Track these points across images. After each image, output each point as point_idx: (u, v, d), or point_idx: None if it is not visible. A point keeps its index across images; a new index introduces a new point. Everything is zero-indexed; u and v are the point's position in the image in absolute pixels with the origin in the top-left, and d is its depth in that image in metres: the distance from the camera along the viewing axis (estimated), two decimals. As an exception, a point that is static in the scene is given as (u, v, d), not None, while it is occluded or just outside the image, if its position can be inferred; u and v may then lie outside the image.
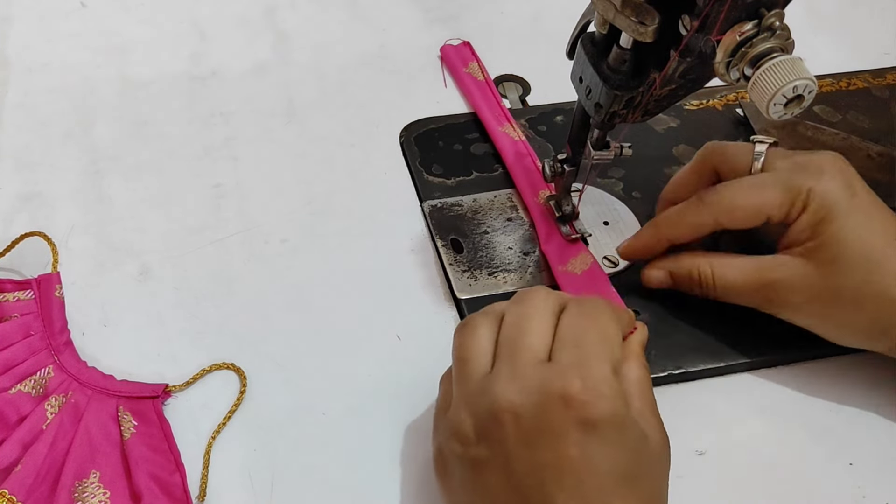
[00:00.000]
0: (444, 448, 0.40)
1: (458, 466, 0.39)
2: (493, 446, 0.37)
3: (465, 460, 0.38)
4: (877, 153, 0.61)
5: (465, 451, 0.38)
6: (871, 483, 0.47)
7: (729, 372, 0.51)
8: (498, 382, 0.38)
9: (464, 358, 0.41)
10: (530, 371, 0.38)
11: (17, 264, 0.53)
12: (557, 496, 0.35)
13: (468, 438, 0.38)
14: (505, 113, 0.64)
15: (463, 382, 0.40)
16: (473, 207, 0.58)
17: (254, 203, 0.59)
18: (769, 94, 0.38)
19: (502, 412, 0.37)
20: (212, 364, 0.50)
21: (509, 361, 0.39)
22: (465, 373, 0.40)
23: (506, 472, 0.37)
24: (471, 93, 0.66)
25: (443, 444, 0.40)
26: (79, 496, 0.43)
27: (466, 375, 0.40)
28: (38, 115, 0.63)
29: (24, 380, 0.47)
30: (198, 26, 0.72)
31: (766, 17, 0.39)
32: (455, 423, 0.39)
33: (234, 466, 0.46)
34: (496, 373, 0.39)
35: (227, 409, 0.48)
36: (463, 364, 0.40)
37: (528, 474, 0.36)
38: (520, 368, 0.38)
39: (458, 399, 0.40)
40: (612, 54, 0.45)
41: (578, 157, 0.52)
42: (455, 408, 0.40)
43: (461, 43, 0.70)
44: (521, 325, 0.40)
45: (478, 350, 0.40)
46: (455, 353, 0.42)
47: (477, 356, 0.40)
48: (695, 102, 0.67)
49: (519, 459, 0.36)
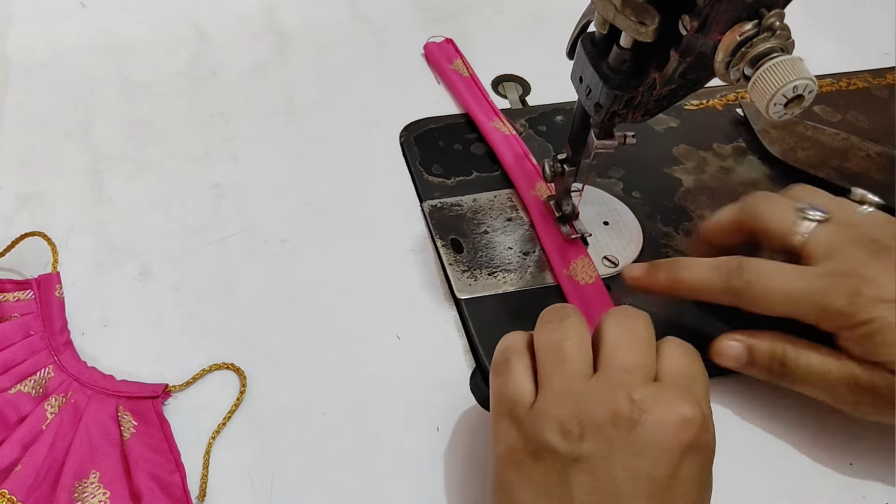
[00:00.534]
0: (535, 442, 0.39)
1: (549, 465, 0.38)
2: (599, 446, 0.37)
3: (561, 455, 0.38)
4: (876, 153, 0.61)
5: (565, 446, 0.38)
6: (871, 484, 0.47)
7: (729, 372, 0.51)
8: (617, 384, 0.38)
9: (564, 355, 0.40)
10: (647, 385, 0.38)
11: (17, 264, 0.53)
12: None
13: (572, 434, 0.38)
14: (493, 108, 0.65)
15: (565, 379, 0.40)
16: (473, 207, 0.58)
17: (254, 203, 0.59)
18: (769, 94, 0.38)
19: (620, 416, 0.37)
20: (212, 364, 0.50)
21: (619, 369, 0.39)
22: (567, 370, 0.40)
23: (602, 475, 0.37)
24: (458, 90, 0.67)
25: (534, 436, 0.39)
26: (79, 496, 0.43)
27: (569, 373, 0.40)
28: (38, 115, 0.63)
29: (23, 380, 0.46)
30: (198, 26, 0.72)
31: (766, 17, 0.39)
32: (558, 417, 0.38)
33: (234, 466, 0.46)
34: (609, 375, 0.39)
35: (227, 409, 0.48)
36: (563, 361, 0.40)
37: (625, 481, 0.36)
38: (631, 375, 0.39)
39: (559, 395, 0.39)
40: (612, 54, 0.45)
41: (578, 157, 0.52)
42: (555, 403, 0.39)
43: (444, 40, 0.70)
44: (625, 342, 0.40)
45: (579, 350, 0.40)
46: (552, 346, 0.41)
47: (578, 356, 0.40)
48: (695, 102, 0.67)
49: (621, 466, 0.37)
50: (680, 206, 0.59)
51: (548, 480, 0.38)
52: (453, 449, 0.47)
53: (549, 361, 0.41)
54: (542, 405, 0.39)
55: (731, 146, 0.64)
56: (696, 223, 0.58)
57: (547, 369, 0.40)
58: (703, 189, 0.61)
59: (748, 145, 0.64)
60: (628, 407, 0.37)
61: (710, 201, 0.60)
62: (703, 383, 0.40)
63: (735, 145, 0.64)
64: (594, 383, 0.39)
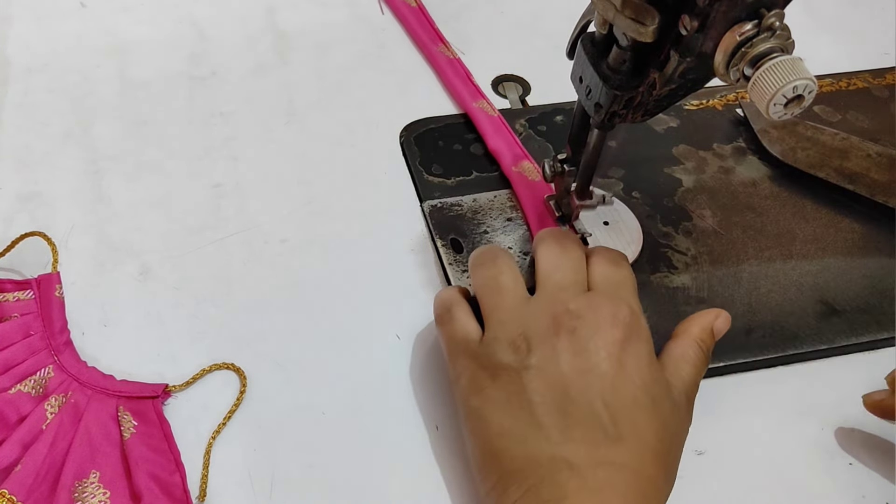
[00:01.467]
0: (491, 365, 0.43)
1: (505, 380, 0.43)
2: (545, 353, 0.42)
3: (514, 368, 0.42)
4: (876, 153, 0.61)
5: (516, 359, 0.43)
6: (871, 483, 0.47)
7: (729, 372, 0.51)
8: (554, 301, 0.44)
9: (501, 287, 0.46)
10: (579, 297, 0.44)
11: (16, 264, 0.53)
12: (596, 400, 0.40)
13: (520, 348, 0.43)
14: (440, 35, 0.69)
15: (506, 306, 0.45)
16: (473, 207, 0.58)
17: (254, 203, 0.59)
18: (769, 95, 0.38)
19: (560, 325, 0.42)
20: (212, 364, 0.50)
21: (554, 289, 0.45)
22: (507, 299, 0.45)
23: (551, 376, 0.41)
24: (405, 18, 0.71)
25: (489, 360, 0.44)
26: (79, 496, 0.43)
27: (509, 300, 0.45)
28: (38, 115, 0.63)
29: (23, 380, 0.46)
30: (197, 26, 0.72)
31: (765, 18, 0.39)
32: (507, 338, 0.43)
33: (234, 466, 0.46)
34: (546, 295, 0.45)
35: (227, 410, 0.48)
36: (501, 292, 0.46)
37: (572, 378, 0.41)
38: (566, 292, 0.44)
39: (505, 321, 0.44)
40: (611, 54, 0.45)
41: (578, 157, 0.53)
42: (502, 328, 0.44)
43: None
44: (558, 264, 0.46)
45: (514, 282, 0.46)
46: (489, 282, 0.46)
47: (515, 286, 0.46)
48: (695, 102, 0.67)
49: (567, 365, 0.41)
50: (680, 207, 0.59)
51: (507, 393, 0.42)
52: (453, 448, 0.47)
53: (488, 296, 0.46)
54: (490, 334, 0.44)
55: (731, 146, 0.64)
56: (695, 223, 0.58)
57: (489, 303, 0.46)
58: (703, 189, 0.61)
59: (748, 145, 0.64)
60: (566, 317, 0.43)
61: (710, 201, 0.60)
62: (630, 285, 0.46)
63: (735, 145, 0.64)
64: (534, 304, 0.44)
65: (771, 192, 0.61)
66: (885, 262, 0.57)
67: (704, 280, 0.55)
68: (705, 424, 0.49)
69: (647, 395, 0.41)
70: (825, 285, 0.56)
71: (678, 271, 0.56)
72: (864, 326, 0.54)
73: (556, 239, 0.47)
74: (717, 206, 0.60)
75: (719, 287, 0.55)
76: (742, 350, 0.52)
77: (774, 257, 0.57)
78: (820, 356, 0.52)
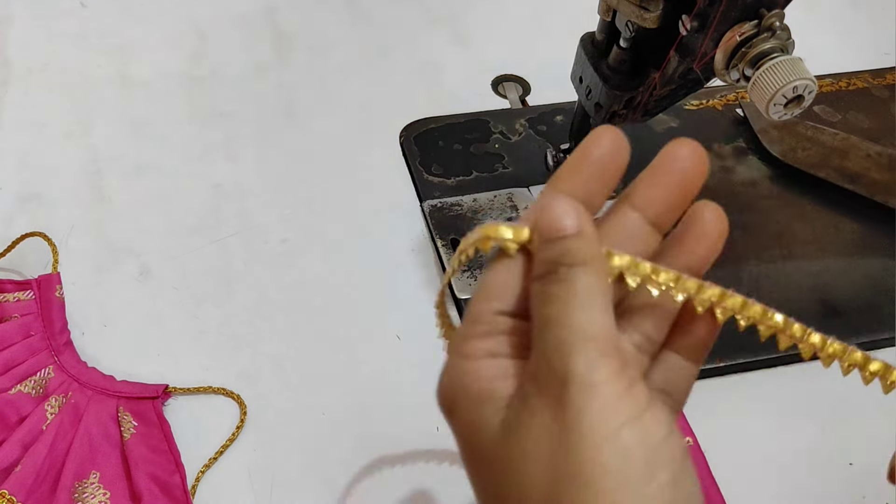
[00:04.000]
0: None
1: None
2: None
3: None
4: (876, 153, 0.61)
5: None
6: (871, 484, 0.47)
7: (729, 372, 0.51)
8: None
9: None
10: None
11: (17, 265, 0.53)
12: None
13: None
14: None
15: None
16: (473, 207, 0.58)
17: (254, 203, 0.59)
18: (769, 95, 0.38)
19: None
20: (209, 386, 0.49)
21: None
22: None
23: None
24: None
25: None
26: (79, 496, 0.43)
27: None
28: (38, 116, 0.63)
29: (24, 380, 0.46)
30: (197, 26, 0.71)
31: (766, 18, 0.39)
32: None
33: (235, 467, 0.46)
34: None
35: (227, 409, 0.48)
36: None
37: None
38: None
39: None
40: (612, 54, 0.45)
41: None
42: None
43: None
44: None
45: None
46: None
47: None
48: (695, 102, 0.67)
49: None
50: (680, 206, 0.59)
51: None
52: (453, 448, 0.47)
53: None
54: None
55: (732, 146, 0.64)
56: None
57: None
58: (703, 189, 0.61)
59: (748, 145, 0.64)
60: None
61: (711, 201, 0.60)
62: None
63: (735, 145, 0.64)
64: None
65: (771, 192, 0.61)
66: (886, 262, 0.57)
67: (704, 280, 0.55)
68: (705, 424, 0.49)
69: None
70: (825, 285, 0.56)
71: (678, 271, 0.55)
72: (864, 326, 0.54)
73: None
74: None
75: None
76: (742, 350, 0.52)
77: (775, 257, 0.57)
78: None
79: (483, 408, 0.29)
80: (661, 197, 0.33)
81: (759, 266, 0.56)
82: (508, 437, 0.28)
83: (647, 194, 0.33)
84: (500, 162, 0.61)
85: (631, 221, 0.33)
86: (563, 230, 0.29)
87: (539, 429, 0.27)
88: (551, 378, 0.27)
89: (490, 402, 0.29)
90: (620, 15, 0.43)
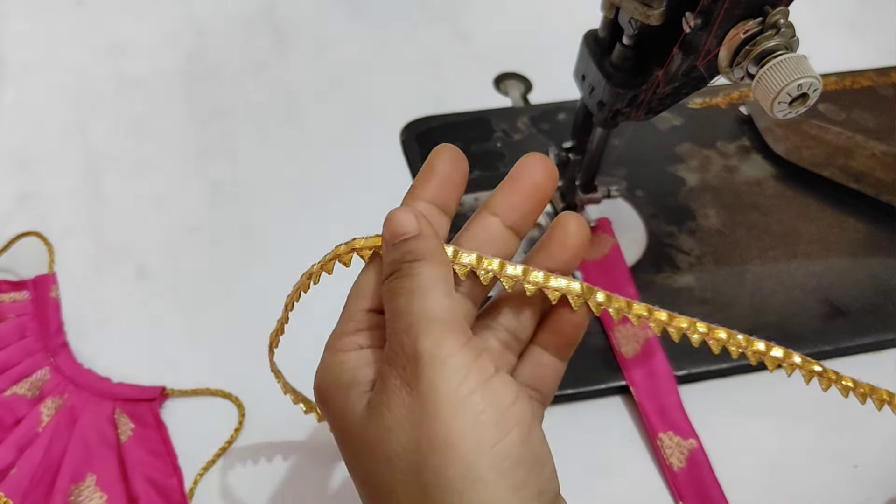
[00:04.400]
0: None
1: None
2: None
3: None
4: (881, 152, 0.60)
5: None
6: (876, 486, 0.47)
7: (733, 373, 0.51)
8: None
9: None
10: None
11: (13, 265, 0.53)
12: None
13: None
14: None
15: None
16: (474, 206, 0.58)
17: (253, 203, 0.58)
18: (773, 93, 0.38)
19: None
20: (215, 389, 0.49)
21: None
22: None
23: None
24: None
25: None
26: (75, 499, 0.43)
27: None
28: (35, 114, 0.63)
29: (19, 382, 0.46)
30: (196, 24, 0.71)
31: (770, 15, 0.38)
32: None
33: (233, 469, 0.46)
34: None
35: (226, 411, 0.47)
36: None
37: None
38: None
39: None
40: (615, 52, 0.45)
41: (584, 146, 0.52)
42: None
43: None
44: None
45: None
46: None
47: None
48: (698, 101, 0.66)
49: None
50: (684, 206, 0.59)
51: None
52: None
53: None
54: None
55: (736, 145, 0.64)
56: (699, 223, 0.58)
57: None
58: (707, 188, 0.60)
59: (752, 144, 0.64)
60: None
61: (714, 200, 0.59)
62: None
63: (739, 144, 0.64)
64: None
65: (775, 191, 0.61)
66: (890, 263, 0.57)
67: (708, 280, 0.55)
68: (707, 426, 0.48)
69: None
70: (829, 285, 0.55)
71: (682, 272, 0.55)
72: (868, 327, 0.53)
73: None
74: (721, 206, 0.59)
75: (723, 287, 0.54)
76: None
77: (779, 257, 0.57)
78: (824, 357, 0.52)
79: (349, 393, 0.32)
80: (517, 204, 0.36)
81: (763, 265, 0.56)
82: (372, 416, 0.31)
83: (504, 202, 0.37)
84: (502, 161, 0.61)
85: (492, 226, 0.36)
86: (403, 234, 0.33)
87: (398, 405, 0.30)
88: (404, 358, 0.30)
89: (355, 387, 0.32)
90: (623, 12, 0.43)
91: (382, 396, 0.31)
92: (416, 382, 0.30)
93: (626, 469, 0.48)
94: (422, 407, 0.29)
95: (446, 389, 0.29)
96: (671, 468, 0.47)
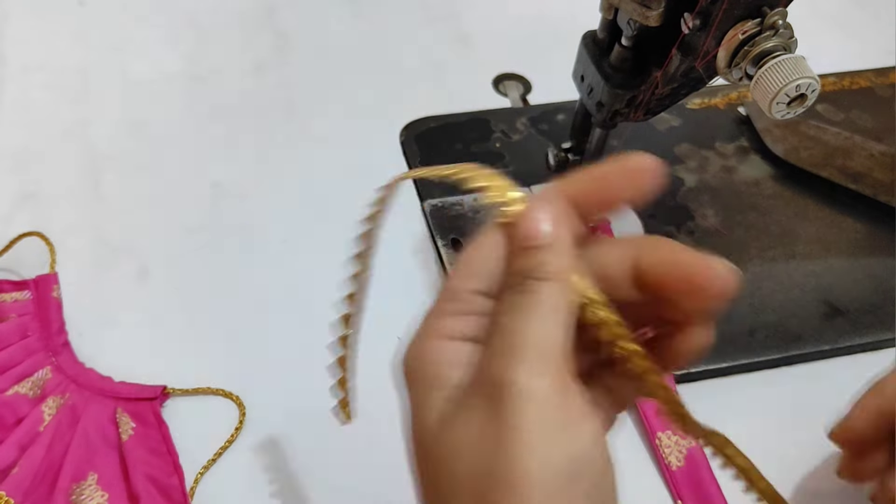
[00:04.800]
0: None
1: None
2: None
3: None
4: (879, 152, 0.61)
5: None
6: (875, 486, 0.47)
7: (732, 373, 0.51)
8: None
9: None
10: None
11: (14, 265, 0.53)
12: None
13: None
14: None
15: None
16: (474, 207, 0.58)
17: (253, 203, 0.58)
18: (772, 93, 0.38)
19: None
20: (208, 387, 0.49)
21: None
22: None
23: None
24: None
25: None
26: (76, 498, 0.43)
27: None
28: (36, 115, 0.63)
29: (21, 381, 0.46)
30: (197, 25, 0.71)
31: (768, 16, 0.38)
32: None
33: (234, 468, 0.46)
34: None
35: (226, 410, 0.48)
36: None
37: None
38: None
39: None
40: (613, 53, 0.45)
41: (583, 146, 0.52)
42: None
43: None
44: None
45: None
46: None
47: None
48: (697, 101, 0.66)
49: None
50: (682, 206, 0.59)
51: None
52: (453, 451, 0.47)
53: None
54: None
55: (734, 145, 0.64)
56: (698, 223, 0.58)
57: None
58: (705, 188, 0.60)
59: (751, 144, 0.64)
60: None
61: (713, 201, 0.60)
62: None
63: (737, 144, 0.64)
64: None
65: (774, 192, 0.61)
66: (889, 262, 0.57)
67: (706, 280, 0.55)
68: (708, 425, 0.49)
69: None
70: (828, 285, 0.55)
71: (680, 271, 0.55)
72: (867, 327, 0.53)
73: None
74: (719, 206, 0.59)
75: (721, 287, 0.55)
76: (745, 351, 0.51)
77: (777, 257, 0.57)
78: (823, 357, 0.52)
79: (429, 395, 0.30)
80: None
81: (762, 266, 0.56)
82: (444, 431, 0.29)
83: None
84: (501, 161, 0.61)
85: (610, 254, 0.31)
86: (536, 238, 0.28)
87: (473, 427, 0.27)
88: (489, 381, 0.27)
89: (436, 389, 0.29)
90: (622, 13, 0.43)
91: (459, 411, 0.28)
92: (497, 412, 0.27)
93: (625, 468, 0.48)
94: (497, 439, 0.27)
95: (527, 429, 0.26)
96: (670, 467, 0.47)
